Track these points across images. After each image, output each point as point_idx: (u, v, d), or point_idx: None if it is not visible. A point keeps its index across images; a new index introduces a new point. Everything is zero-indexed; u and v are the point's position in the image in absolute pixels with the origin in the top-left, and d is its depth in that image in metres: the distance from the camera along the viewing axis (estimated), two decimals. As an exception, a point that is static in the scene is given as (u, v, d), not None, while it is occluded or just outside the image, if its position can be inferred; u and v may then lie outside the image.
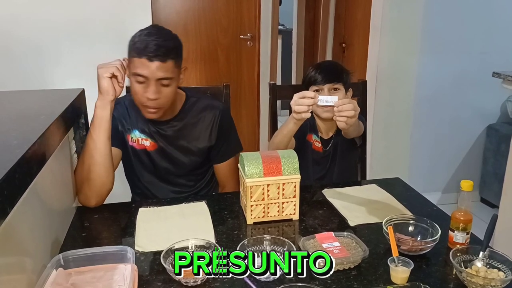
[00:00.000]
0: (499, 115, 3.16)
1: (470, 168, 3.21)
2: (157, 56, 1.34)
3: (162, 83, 1.38)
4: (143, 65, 1.35)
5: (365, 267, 1.08)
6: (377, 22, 2.83)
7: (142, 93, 1.38)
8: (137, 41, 1.37)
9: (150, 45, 1.34)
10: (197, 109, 1.58)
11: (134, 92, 1.41)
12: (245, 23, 3.44)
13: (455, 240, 1.14)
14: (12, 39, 2.25)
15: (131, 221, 1.31)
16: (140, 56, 1.35)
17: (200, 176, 1.68)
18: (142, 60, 1.34)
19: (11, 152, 0.82)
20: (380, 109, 2.91)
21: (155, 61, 1.34)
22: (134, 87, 1.40)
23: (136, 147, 1.56)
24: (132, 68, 1.37)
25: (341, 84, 1.67)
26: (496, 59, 2.87)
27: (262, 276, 1.01)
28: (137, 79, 1.37)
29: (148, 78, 1.36)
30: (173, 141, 1.56)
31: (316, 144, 1.77)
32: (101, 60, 1.36)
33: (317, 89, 1.66)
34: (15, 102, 1.34)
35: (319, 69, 1.68)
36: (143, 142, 1.56)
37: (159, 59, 1.34)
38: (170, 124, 1.55)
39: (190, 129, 1.57)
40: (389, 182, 1.59)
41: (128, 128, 1.56)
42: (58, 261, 1.03)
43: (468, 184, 1.13)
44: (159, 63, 1.35)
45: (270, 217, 1.31)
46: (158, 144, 1.56)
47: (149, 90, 1.37)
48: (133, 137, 1.56)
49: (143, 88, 1.38)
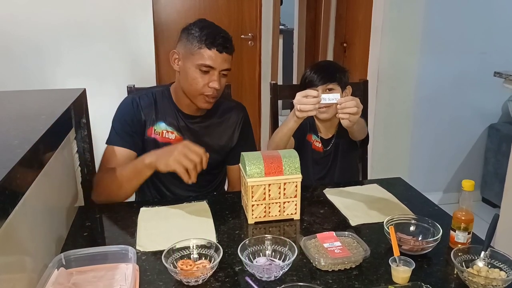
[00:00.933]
0: (501, 115, 3.15)
1: (471, 168, 3.20)
2: (225, 48, 1.44)
3: (223, 74, 1.48)
4: (213, 57, 1.43)
5: (366, 267, 1.08)
6: (378, 22, 2.83)
7: (205, 83, 1.45)
8: (204, 33, 1.43)
9: (218, 38, 1.43)
10: (223, 110, 1.64)
11: (195, 82, 1.45)
12: (246, 23, 3.45)
13: (456, 239, 1.14)
14: (13, 39, 2.26)
15: (132, 220, 1.31)
16: (210, 48, 1.42)
17: (214, 176, 1.69)
18: (212, 51, 1.42)
19: (12, 152, 0.82)
20: (381, 109, 2.92)
21: (224, 53, 1.44)
22: (196, 77, 1.45)
23: (159, 139, 1.57)
24: (197, 59, 1.43)
25: (335, 84, 1.66)
26: (497, 59, 2.87)
27: (264, 276, 1.01)
28: (202, 69, 1.44)
29: (214, 69, 1.44)
30: (199, 137, 1.58)
31: (316, 144, 1.77)
32: (103, 60, 1.37)
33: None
34: (16, 102, 1.34)
35: (313, 70, 1.68)
36: (168, 135, 1.57)
37: (227, 51, 1.45)
38: (199, 120, 1.59)
39: (215, 128, 1.61)
40: (390, 182, 1.59)
41: (153, 119, 1.56)
42: (60, 260, 1.03)
43: (470, 184, 1.12)
44: (227, 55, 1.45)
45: (271, 216, 1.31)
46: (184, 138, 1.57)
47: (213, 80, 1.44)
48: (157, 129, 1.56)
49: (206, 78, 1.45)
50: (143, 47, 2.45)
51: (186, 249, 1.09)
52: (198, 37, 1.43)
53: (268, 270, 1.01)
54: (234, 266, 1.08)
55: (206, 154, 1.32)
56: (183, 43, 1.47)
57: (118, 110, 1.57)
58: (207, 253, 1.09)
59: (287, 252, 1.09)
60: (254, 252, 1.10)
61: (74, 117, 1.33)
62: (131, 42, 2.39)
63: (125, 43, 2.38)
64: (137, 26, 2.38)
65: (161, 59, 3.02)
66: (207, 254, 1.08)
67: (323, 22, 4.03)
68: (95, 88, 1.36)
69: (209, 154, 1.57)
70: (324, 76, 1.65)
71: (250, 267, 1.03)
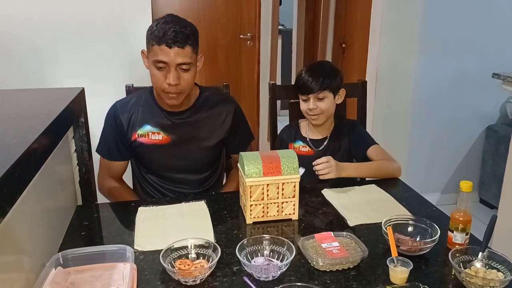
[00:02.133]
0: (499, 116, 3.16)
1: (469, 169, 3.21)
2: (176, 43, 1.40)
3: (182, 68, 1.45)
4: (163, 52, 1.41)
5: (364, 267, 1.08)
6: (376, 23, 2.83)
7: (163, 79, 1.44)
8: (155, 29, 1.42)
9: (169, 32, 1.40)
10: (211, 103, 1.63)
11: (155, 79, 1.46)
12: (245, 23, 3.45)
13: (454, 240, 1.15)
14: (12, 39, 2.25)
15: (130, 220, 1.31)
16: (159, 44, 1.40)
17: (210, 173, 1.69)
18: (161, 47, 1.40)
19: (10, 151, 0.82)
20: (379, 110, 2.92)
21: (174, 47, 1.40)
22: (155, 74, 1.45)
23: (146, 142, 1.58)
24: (152, 56, 1.44)
25: (326, 91, 1.64)
26: (495, 60, 2.87)
27: (262, 276, 1.01)
28: (157, 65, 1.43)
29: (168, 64, 1.42)
30: (187, 134, 1.58)
31: (302, 149, 1.74)
32: (101, 60, 1.37)
33: (304, 98, 1.66)
34: (14, 101, 1.34)
35: (306, 74, 1.65)
36: (154, 137, 1.58)
37: (178, 45, 1.41)
38: (185, 116, 1.59)
39: (203, 122, 1.61)
40: (388, 183, 1.60)
41: (136, 124, 1.57)
42: (57, 260, 1.03)
43: (468, 185, 1.13)
44: (178, 49, 1.41)
45: (269, 217, 1.31)
46: (171, 138, 1.58)
47: (170, 76, 1.43)
48: (141, 132, 1.57)
49: (164, 74, 1.44)
50: (142, 47, 2.44)
51: (184, 249, 1.09)
52: (152, 34, 1.43)
53: (266, 270, 1.01)
54: (232, 266, 1.08)
55: None
56: (146, 41, 1.48)
57: (105, 122, 1.61)
58: (205, 252, 1.09)
59: (285, 252, 1.09)
60: (252, 252, 1.10)
61: (72, 116, 1.32)
62: (130, 42, 2.39)
63: (124, 43, 2.37)
64: (136, 26, 2.38)
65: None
66: (205, 254, 1.09)
67: (322, 22, 4.02)
68: (94, 88, 1.36)
69: (200, 150, 1.58)
70: (316, 85, 1.62)
71: (248, 267, 1.03)
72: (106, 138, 1.61)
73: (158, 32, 1.40)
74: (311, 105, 1.63)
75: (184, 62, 1.43)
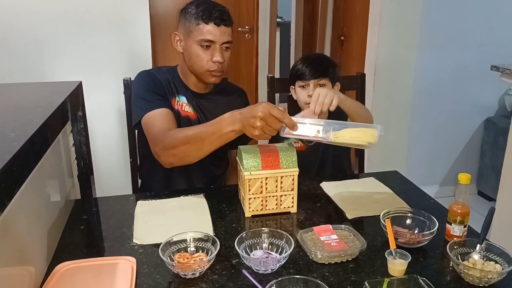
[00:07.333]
0: (497, 108, 3.16)
1: (467, 161, 3.22)
2: (223, 21, 1.45)
3: (225, 47, 1.49)
4: (211, 31, 1.44)
5: (363, 260, 1.08)
6: (375, 15, 2.82)
7: (209, 58, 1.47)
8: (200, 9, 1.45)
9: (215, 12, 1.44)
10: (228, 91, 1.67)
11: (200, 59, 1.48)
12: (243, 16, 3.43)
13: (452, 233, 1.15)
14: (11, 32, 2.24)
15: (129, 214, 1.31)
16: (207, 22, 1.44)
17: (220, 161, 1.71)
18: (209, 26, 1.44)
19: (9, 144, 0.81)
20: (379, 102, 2.91)
21: (221, 25, 1.45)
22: (199, 53, 1.47)
23: (182, 113, 1.57)
24: (196, 35, 1.46)
25: (327, 79, 1.63)
26: (495, 52, 2.87)
27: (260, 269, 1.02)
28: (203, 44, 1.46)
29: (215, 43, 1.46)
30: (208, 115, 1.58)
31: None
32: (99, 53, 1.36)
33: (303, 84, 1.64)
34: (12, 94, 1.33)
35: (305, 63, 1.64)
36: (187, 109, 1.59)
37: (224, 23, 1.46)
38: (206, 98, 1.61)
39: (222, 105, 1.59)
40: (387, 175, 1.60)
41: (174, 91, 1.57)
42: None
43: (466, 177, 1.13)
44: (225, 28, 1.46)
45: (268, 210, 1.31)
46: (197, 116, 1.59)
47: (217, 54, 1.47)
48: (179, 101, 1.58)
49: (209, 53, 1.47)
50: (140, 39, 2.44)
51: (183, 242, 1.09)
52: (195, 14, 1.45)
53: (265, 263, 1.02)
54: (231, 259, 1.08)
55: (286, 114, 1.18)
56: (182, 23, 1.50)
57: (139, 83, 1.53)
58: (204, 246, 1.09)
59: (284, 245, 1.09)
60: (251, 245, 1.10)
61: (70, 110, 1.32)
62: (128, 34, 2.38)
63: (122, 35, 2.36)
64: (134, 18, 2.37)
65: (158, 51, 3.01)
66: (204, 247, 1.09)
67: (320, 14, 4.01)
68: (92, 81, 1.35)
69: None
70: (317, 71, 1.61)
71: (247, 260, 1.03)
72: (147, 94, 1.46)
73: (204, 12, 1.44)
74: (311, 91, 1.59)
75: (228, 40, 1.48)
